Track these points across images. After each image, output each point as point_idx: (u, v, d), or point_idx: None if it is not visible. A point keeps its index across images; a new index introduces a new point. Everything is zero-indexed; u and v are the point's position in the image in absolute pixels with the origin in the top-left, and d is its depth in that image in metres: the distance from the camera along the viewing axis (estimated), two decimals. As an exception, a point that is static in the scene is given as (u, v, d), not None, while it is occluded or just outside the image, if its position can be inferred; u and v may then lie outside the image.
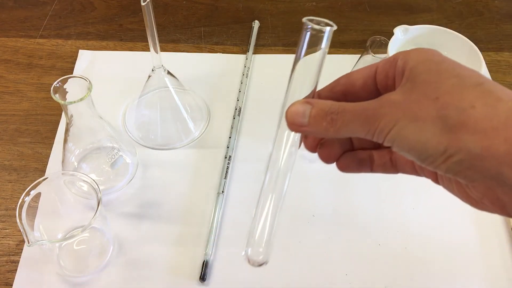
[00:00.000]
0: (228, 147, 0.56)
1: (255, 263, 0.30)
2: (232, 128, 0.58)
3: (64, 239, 0.46)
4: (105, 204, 0.51)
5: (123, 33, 0.71)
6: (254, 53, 0.68)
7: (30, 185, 0.41)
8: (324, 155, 0.30)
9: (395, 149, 0.24)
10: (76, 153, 0.51)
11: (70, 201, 0.50)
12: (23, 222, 0.39)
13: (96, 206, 0.41)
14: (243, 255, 0.30)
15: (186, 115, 0.58)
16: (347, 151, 0.31)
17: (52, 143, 0.56)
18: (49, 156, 0.55)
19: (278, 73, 0.65)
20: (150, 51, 0.49)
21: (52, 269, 0.46)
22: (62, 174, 0.46)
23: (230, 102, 0.61)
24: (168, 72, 0.54)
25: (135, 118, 0.59)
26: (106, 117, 0.49)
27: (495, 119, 0.21)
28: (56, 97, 0.42)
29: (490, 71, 0.67)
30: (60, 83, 0.42)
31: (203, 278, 0.45)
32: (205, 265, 0.46)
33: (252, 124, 0.59)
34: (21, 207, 0.39)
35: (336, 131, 0.26)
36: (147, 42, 0.48)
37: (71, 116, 0.45)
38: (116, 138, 0.51)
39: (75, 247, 0.47)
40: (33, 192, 0.41)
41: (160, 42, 0.49)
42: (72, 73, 0.64)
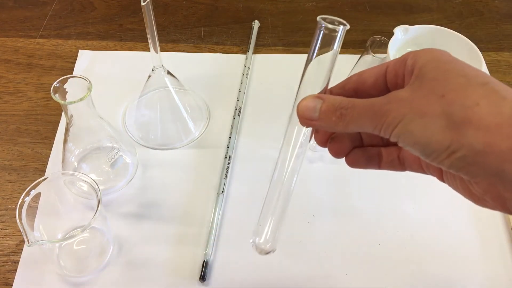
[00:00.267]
0: (228, 147, 0.56)
1: (262, 251, 0.30)
2: (232, 128, 0.58)
3: (64, 239, 0.46)
4: (105, 204, 0.51)
5: (123, 33, 0.71)
6: (254, 53, 0.68)
7: (30, 185, 0.41)
8: (334, 150, 0.31)
9: (401, 144, 0.25)
10: (76, 153, 0.51)
11: (70, 201, 0.50)
12: (23, 222, 0.39)
13: (96, 206, 0.41)
14: (251, 243, 0.30)
15: (186, 115, 0.58)
16: (357, 147, 0.31)
17: (52, 143, 0.56)
18: (49, 156, 0.55)
19: (278, 73, 0.65)
20: (150, 51, 0.49)
21: (52, 269, 0.46)
22: (62, 174, 0.46)
23: (230, 102, 0.61)
24: (168, 72, 0.54)
25: (135, 118, 0.59)
26: (106, 117, 0.49)
27: (499, 116, 0.22)
28: (56, 97, 0.42)
29: (490, 71, 0.67)
30: (60, 83, 0.42)
31: (203, 278, 0.45)
32: (205, 265, 0.46)
33: (252, 124, 0.59)
34: (21, 207, 0.39)
35: (345, 125, 0.26)
36: (147, 42, 0.48)
37: (71, 116, 0.45)
38: (116, 138, 0.51)
39: (75, 247, 0.47)
40: (33, 192, 0.41)
41: (160, 42, 0.49)
42: (72, 73, 0.64)
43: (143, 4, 0.43)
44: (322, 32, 0.27)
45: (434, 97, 0.23)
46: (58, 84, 0.42)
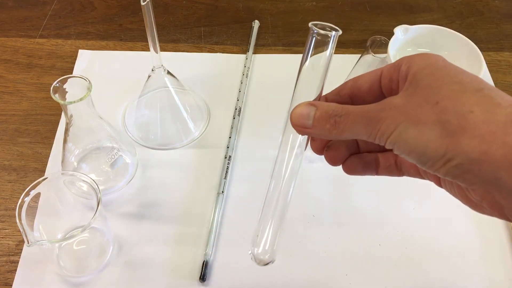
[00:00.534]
0: (228, 147, 0.56)
1: (261, 262, 0.30)
2: (232, 128, 0.58)
3: (64, 239, 0.46)
4: (105, 204, 0.51)
5: (123, 33, 0.71)
6: (254, 53, 0.68)
7: (29, 185, 0.41)
8: (330, 158, 0.31)
9: (396, 151, 0.25)
10: (76, 153, 0.51)
11: (70, 201, 0.50)
12: (22, 222, 0.39)
13: (96, 206, 0.41)
14: (249, 255, 0.30)
15: (186, 115, 0.58)
16: (353, 154, 0.31)
17: (52, 143, 0.56)
18: (48, 156, 0.55)
19: (278, 73, 0.65)
20: (150, 51, 0.49)
21: (52, 269, 0.46)
22: (62, 174, 0.46)
23: (230, 102, 0.61)
24: (168, 72, 0.54)
25: (135, 118, 0.59)
26: (106, 117, 0.49)
27: (493, 124, 0.22)
28: (56, 97, 0.42)
29: (490, 71, 0.67)
30: (59, 83, 0.42)
31: (203, 278, 0.45)
32: (205, 265, 0.46)
33: (252, 124, 0.59)
34: (20, 207, 0.39)
35: (339, 133, 0.26)
36: (147, 42, 0.48)
37: (71, 116, 0.45)
38: (116, 138, 0.51)
39: (75, 247, 0.47)
40: (32, 192, 0.41)
41: (160, 42, 0.49)
42: (71, 73, 0.64)
43: (143, 4, 0.43)
44: (314, 38, 0.27)
45: (428, 104, 0.23)
46: (58, 84, 0.42)
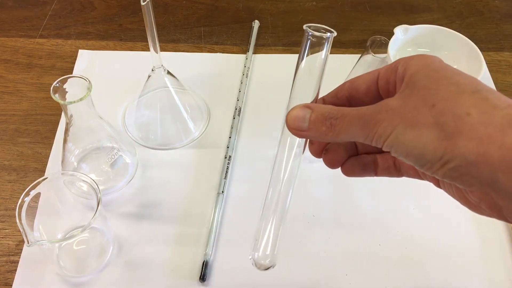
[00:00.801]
0: (228, 147, 0.56)
1: (261, 267, 0.30)
2: (232, 128, 0.58)
3: (64, 239, 0.46)
4: (105, 204, 0.51)
5: (123, 33, 0.71)
6: (254, 53, 0.68)
7: (29, 185, 0.41)
8: (328, 160, 0.31)
9: (393, 154, 0.25)
10: (76, 153, 0.51)
11: (70, 201, 0.50)
12: (22, 222, 0.39)
13: (96, 206, 0.41)
14: (250, 259, 0.30)
15: (186, 115, 0.58)
16: (352, 156, 0.31)
17: (52, 143, 0.56)
18: (48, 156, 0.55)
19: (278, 73, 0.65)
20: (150, 51, 0.49)
21: (52, 269, 0.46)
22: (62, 174, 0.46)
23: (230, 102, 0.61)
24: (168, 72, 0.54)
25: (135, 118, 0.59)
26: (106, 117, 0.49)
27: (490, 126, 0.22)
28: (56, 97, 0.42)
29: (490, 71, 0.67)
30: (59, 83, 0.42)
31: (203, 278, 0.45)
32: (205, 265, 0.46)
33: (252, 124, 0.59)
34: (20, 207, 0.39)
35: (335, 135, 0.26)
36: (147, 42, 0.48)
37: (71, 116, 0.45)
38: (116, 138, 0.51)
39: (75, 247, 0.47)
40: (32, 192, 0.41)
41: (160, 42, 0.49)
42: (71, 73, 0.64)
43: (143, 4, 0.43)
44: (309, 40, 0.27)
45: (424, 106, 0.23)
46: (58, 84, 0.42)
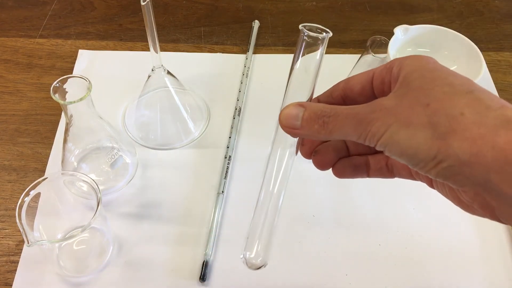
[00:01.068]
0: (228, 147, 0.56)
1: (253, 266, 0.30)
2: (232, 128, 0.58)
3: (64, 239, 0.46)
4: (105, 204, 0.51)
5: (123, 33, 0.71)
6: (254, 53, 0.68)
7: (29, 185, 0.41)
8: (318, 162, 0.31)
9: (387, 153, 0.25)
10: (76, 153, 0.51)
11: (70, 201, 0.50)
12: (22, 222, 0.39)
13: (96, 206, 0.41)
14: (242, 258, 0.30)
15: (186, 115, 0.58)
16: (343, 158, 0.31)
17: (52, 143, 0.56)
18: (48, 156, 0.55)
19: (278, 73, 0.65)
20: (150, 51, 0.49)
21: (52, 269, 0.46)
22: (62, 174, 0.46)
23: (230, 102, 0.61)
24: (168, 72, 0.54)
25: (135, 118, 0.59)
26: (106, 117, 0.49)
27: (483, 126, 0.22)
28: (56, 97, 0.42)
29: (490, 71, 0.67)
30: (59, 83, 0.42)
31: (203, 278, 0.45)
32: (205, 265, 0.46)
33: (252, 124, 0.59)
34: (20, 207, 0.39)
35: (328, 133, 0.26)
36: (147, 42, 0.48)
37: (71, 116, 0.45)
38: (116, 138, 0.51)
39: (75, 247, 0.47)
40: (32, 192, 0.41)
41: (160, 42, 0.49)
42: (71, 73, 0.64)
43: (143, 4, 0.43)
44: (304, 41, 0.27)
45: (418, 106, 0.23)
46: (58, 84, 0.42)
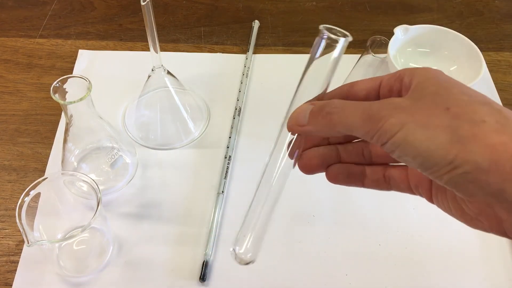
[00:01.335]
0: (228, 147, 0.56)
1: (242, 261, 0.30)
2: (232, 128, 0.58)
3: (64, 239, 0.46)
4: (105, 204, 0.51)
5: (123, 33, 0.71)
6: (254, 53, 0.68)
7: (29, 185, 0.41)
8: (302, 165, 0.30)
9: (396, 154, 0.24)
10: (76, 153, 0.51)
11: (70, 201, 0.50)
12: (22, 222, 0.39)
13: (96, 206, 0.41)
14: (231, 252, 0.30)
15: (186, 115, 0.58)
16: (336, 163, 0.30)
17: (52, 143, 0.56)
18: (48, 156, 0.55)
19: (278, 73, 0.65)
20: (150, 51, 0.49)
21: (52, 269, 0.46)
22: (62, 174, 0.46)
23: (230, 102, 0.61)
24: (168, 72, 0.54)
25: (135, 118, 0.59)
26: (106, 117, 0.49)
27: (504, 135, 0.21)
28: (56, 97, 0.42)
29: (490, 70, 0.67)
30: (59, 83, 0.42)
31: (203, 278, 0.45)
32: (205, 265, 0.46)
33: (252, 124, 0.59)
34: (20, 207, 0.39)
35: (332, 125, 0.25)
36: (147, 42, 0.48)
37: (71, 116, 0.45)
38: (116, 138, 0.51)
39: (75, 247, 0.47)
40: (32, 192, 0.41)
41: (160, 42, 0.49)
42: (71, 73, 0.64)
43: (143, 4, 0.43)
44: (323, 41, 0.27)
45: (438, 109, 0.23)
46: (58, 84, 0.42)
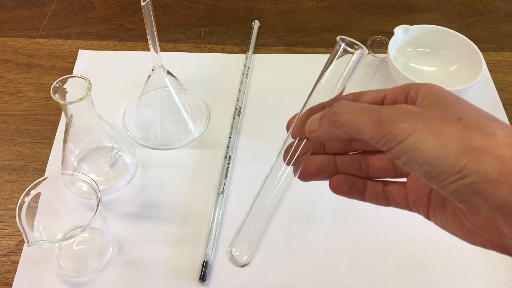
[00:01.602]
0: (228, 147, 0.56)
1: (237, 264, 0.30)
2: (232, 128, 0.58)
3: (64, 239, 0.46)
4: (105, 204, 0.51)
5: (123, 33, 0.71)
6: (254, 53, 0.68)
7: (29, 185, 0.41)
8: (296, 171, 0.30)
9: (402, 160, 0.23)
10: (76, 153, 0.51)
11: (70, 201, 0.50)
12: (22, 222, 0.39)
13: (96, 206, 0.41)
14: (227, 251, 0.30)
15: (186, 115, 0.58)
16: (339, 174, 0.31)
17: (52, 143, 0.56)
18: (48, 156, 0.55)
19: (278, 73, 0.65)
20: (150, 51, 0.49)
21: (52, 269, 0.46)
22: (62, 174, 0.46)
23: (230, 102, 0.61)
24: (168, 72, 0.54)
25: (135, 118, 0.59)
26: (106, 117, 0.49)
27: None
28: (56, 97, 0.42)
29: (490, 71, 0.67)
30: (59, 83, 0.42)
31: (203, 278, 0.45)
32: (205, 265, 0.46)
33: (252, 124, 0.59)
34: (20, 207, 0.39)
35: (339, 126, 0.25)
36: (147, 42, 0.48)
37: (71, 116, 0.45)
38: (116, 138, 0.51)
39: (75, 247, 0.47)
40: (32, 192, 0.41)
41: (160, 42, 0.49)
42: (71, 73, 0.64)
43: (143, 4, 0.43)
44: (339, 52, 0.27)
45: (450, 119, 0.23)
46: (58, 84, 0.42)
